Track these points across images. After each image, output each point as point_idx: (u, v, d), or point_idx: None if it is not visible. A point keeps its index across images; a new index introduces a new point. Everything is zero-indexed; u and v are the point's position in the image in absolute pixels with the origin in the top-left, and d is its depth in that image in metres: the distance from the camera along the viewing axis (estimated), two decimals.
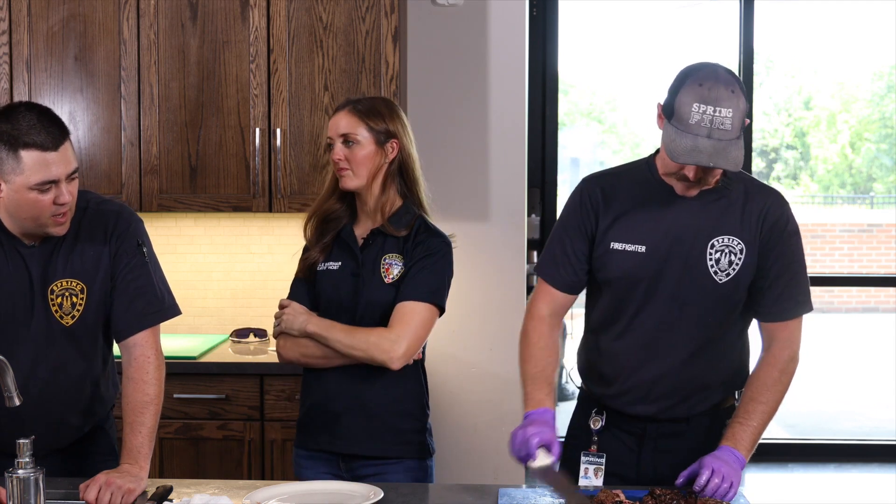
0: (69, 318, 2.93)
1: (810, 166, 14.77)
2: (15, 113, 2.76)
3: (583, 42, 10.48)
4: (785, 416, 8.68)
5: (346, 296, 3.23)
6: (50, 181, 2.75)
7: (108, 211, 3.02)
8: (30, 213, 2.79)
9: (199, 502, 2.64)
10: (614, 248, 2.90)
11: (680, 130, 2.69)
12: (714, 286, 2.86)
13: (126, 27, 4.50)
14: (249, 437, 4.30)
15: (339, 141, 3.22)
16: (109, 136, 4.54)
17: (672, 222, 2.87)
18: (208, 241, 4.94)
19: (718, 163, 2.67)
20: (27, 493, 2.44)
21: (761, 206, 2.88)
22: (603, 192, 2.95)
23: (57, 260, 2.91)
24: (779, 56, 13.53)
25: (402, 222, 3.24)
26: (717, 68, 2.75)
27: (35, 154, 2.73)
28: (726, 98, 2.68)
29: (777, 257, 2.87)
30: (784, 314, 2.91)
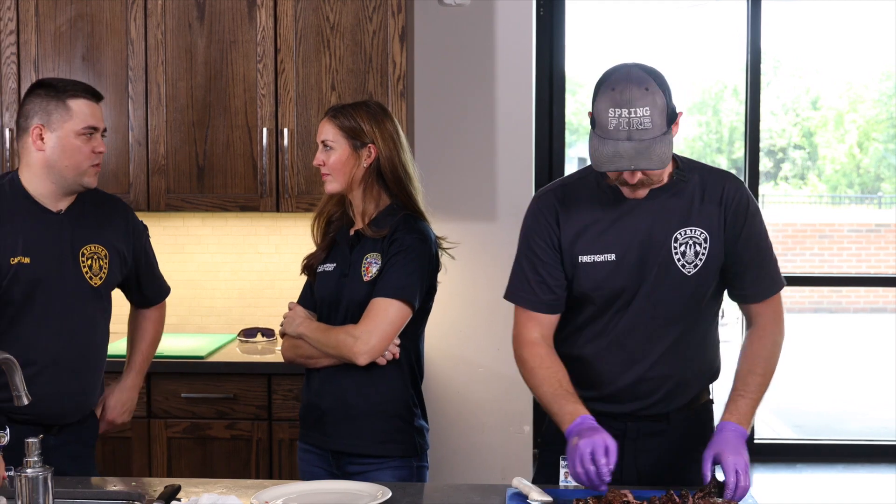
0: (97, 279, 3.25)
1: (818, 166, 14.76)
2: (51, 80, 3.22)
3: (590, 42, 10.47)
4: (792, 416, 8.67)
5: (336, 296, 3.31)
6: (94, 127, 3.16)
7: (111, 195, 3.45)
8: (73, 159, 3.14)
9: (208, 502, 2.64)
10: (583, 261, 2.87)
11: (602, 138, 2.67)
12: (684, 279, 2.85)
13: (133, 27, 4.51)
14: (257, 436, 4.30)
15: (321, 146, 3.35)
16: (117, 135, 4.55)
17: (635, 225, 2.85)
18: (216, 240, 4.94)
19: (640, 164, 2.64)
20: (36, 492, 2.44)
21: (719, 191, 2.87)
22: (560, 203, 2.91)
23: (85, 225, 3.24)
24: (786, 56, 13.52)
25: (384, 223, 3.28)
26: (630, 69, 2.70)
27: (82, 101, 3.15)
28: (640, 97, 2.64)
29: (746, 239, 2.87)
30: (764, 293, 2.92)
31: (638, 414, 2.93)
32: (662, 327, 2.89)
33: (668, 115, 2.69)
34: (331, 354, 3.25)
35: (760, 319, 2.94)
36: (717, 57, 13.48)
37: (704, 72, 13.94)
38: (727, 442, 2.74)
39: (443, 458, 4.92)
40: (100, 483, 2.97)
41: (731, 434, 2.76)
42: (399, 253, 3.22)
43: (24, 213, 3.15)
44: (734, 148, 14.01)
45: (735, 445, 2.74)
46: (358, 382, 3.26)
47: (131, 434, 4.30)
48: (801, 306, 13.43)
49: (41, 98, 3.13)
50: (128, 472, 4.27)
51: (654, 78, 2.70)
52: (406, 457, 3.28)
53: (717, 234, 2.85)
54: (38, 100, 3.13)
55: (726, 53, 13.24)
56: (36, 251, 3.13)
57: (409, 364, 3.32)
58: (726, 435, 2.76)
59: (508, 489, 2.82)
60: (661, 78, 2.72)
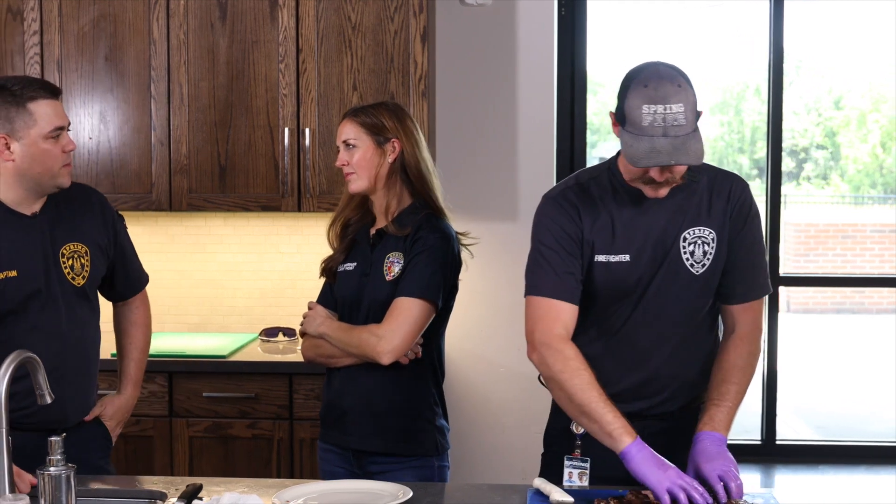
0: (80, 278, 3.15)
1: (840, 166, 14.70)
2: (5, 81, 3.01)
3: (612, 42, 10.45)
4: (815, 418, 8.64)
5: (357, 295, 3.31)
6: (60, 127, 3.02)
7: (84, 186, 3.30)
8: (44, 164, 3.01)
9: (229, 501, 2.64)
10: (599, 260, 2.87)
11: (635, 135, 2.66)
12: (693, 279, 2.86)
13: (156, 27, 4.52)
14: (278, 435, 4.31)
15: (342, 146, 3.34)
16: (139, 135, 4.56)
17: (648, 225, 2.85)
18: (237, 240, 4.95)
19: (680, 159, 2.65)
20: (59, 490, 2.45)
21: (728, 192, 2.89)
22: (580, 200, 2.90)
23: (60, 225, 3.12)
24: (809, 56, 13.46)
25: (407, 221, 3.29)
26: (659, 66, 2.71)
27: (43, 102, 2.99)
28: (674, 94, 2.65)
29: (741, 240, 2.88)
30: (748, 295, 2.92)
31: (643, 413, 2.92)
32: (670, 327, 2.89)
33: (696, 113, 2.71)
34: (353, 354, 3.25)
35: (738, 327, 2.93)
36: (739, 56, 13.44)
37: (726, 71, 13.90)
38: (703, 452, 2.74)
39: (463, 457, 4.92)
40: (122, 482, 2.98)
41: (706, 443, 2.76)
42: (422, 252, 3.22)
43: (3, 224, 3.04)
44: (756, 148, 13.96)
45: (710, 453, 2.73)
46: (380, 382, 3.26)
47: (153, 433, 4.32)
48: (824, 307, 13.38)
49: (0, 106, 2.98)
50: (150, 470, 4.28)
51: (683, 75, 2.71)
52: (427, 456, 3.29)
53: (723, 234, 2.87)
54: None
55: (748, 53, 13.19)
56: (21, 262, 3.03)
57: (430, 363, 3.32)
58: (702, 445, 2.76)
59: (529, 489, 2.82)
60: (687, 77, 2.73)
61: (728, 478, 2.68)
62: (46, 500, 2.45)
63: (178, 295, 4.92)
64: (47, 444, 2.47)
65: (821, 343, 11.85)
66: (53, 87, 3.05)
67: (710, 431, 2.78)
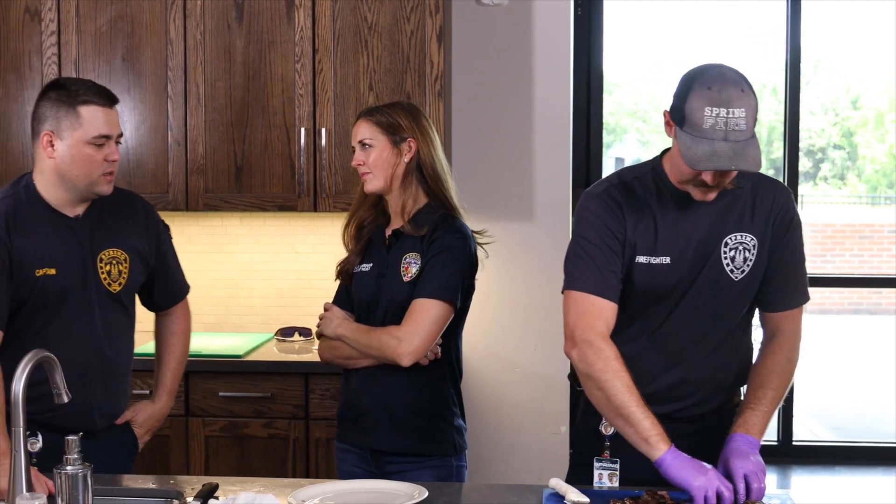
0: (116, 284, 3.16)
1: (858, 166, 14.65)
2: (66, 81, 3.08)
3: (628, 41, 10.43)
4: (831, 419, 8.61)
5: (374, 296, 3.31)
6: (105, 135, 3.02)
7: (132, 194, 3.34)
8: (83, 169, 3.02)
9: (245, 500, 2.65)
10: (640, 261, 2.85)
11: (695, 137, 2.64)
12: (732, 284, 2.85)
13: (173, 28, 4.53)
14: (294, 435, 4.32)
15: (358, 147, 3.33)
16: (156, 135, 4.57)
17: (690, 228, 2.84)
18: (254, 240, 4.96)
19: (739, 165, 2.63)
20: (76, 489, 2.46)
21: (771, 200, 2.88)
22: (624, 199, 2.87)
23: (102, 230, 3.14)
24: (826, 55, 13.42)
25: (423, 221, 3.28)
26: (723, 69, 2.70)
27: (93, 109, 3.00)
28: (737, 98, 2.63)
29: (783, 249, 2.88)
30: (788, 303, 2.93)
31: (674, 416, 2.91)
32: (705, 331, 2.89)
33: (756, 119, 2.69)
34: (372, 355, 3.25)
35: (779, 334, 2.94)
36: (756, 56, 13.40)
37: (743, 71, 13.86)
38: (733, 451, 2.75)
39: (479, 458, 4.92)
40: (138, 481, 2.98)
41: (739, 443, 2.77)
42: (440, 253, 3.22)
43: (44, 221, 3.06)
44: (773, 148, 13.92)
45: (742, 452, 2.74)
46: (398, 382, 3.26)
47: (170, 432, 4.33)
48: (840, 307, 13.33)
49: (52, 102, 3.01)
50: (166, 470, 4.29)
51: (746, 82, 2.70)
52: (445, 456, 3.28)
53: (765, 242, 2.86)
54: (50, 104, 3.01)
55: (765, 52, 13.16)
56: (60, 261, 3.05)
57: (448, 363, 3.32)
58: (734, 445, 2.77)
59: (545, 489, 2.82)
60: (749, 83, 2.71)
61: (752, 479, 2.69)
62: (63, 499, 2.46)
63: (195, 295, 4.89)
64: (64, 443, 2.48)
65: (837, 344, 11.80)
66: (110, 96, 3.06)
67: (744, 434, 2.79)
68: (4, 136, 4.62)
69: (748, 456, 2.74)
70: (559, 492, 2.75)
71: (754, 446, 2.78)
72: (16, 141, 4.60)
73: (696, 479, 2.63)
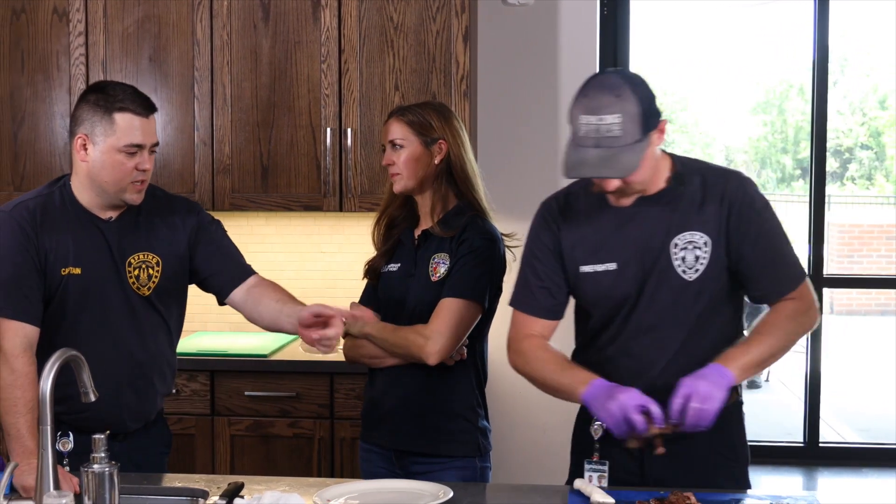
0: (146, 288, 3.14)
1: (885, 166, 14.57)
2: (110, 84, 3.06)
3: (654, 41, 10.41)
4: (858, 420, 8.57)
5: (401, 296, 3.32)
6: (137, 145, 2.99)
7: (178, 197, 3.32)
8: (113, 175, 3.01)
9: (270, 500, 2.66)
10: (584, 271, 2.85)
11: (572, 144, 2.65)
12: (685, 285, 2.79)
13: (199, 28, 4.55)
14: (319, 435, 4.33)
15: (389, 146, 3.32)
16: (183, 135, 4.59)
17: (635, 232, 2.81)
18: (279, 240, 4.97)
19: (603, 172, 2.61)
20: (102, 487, 2.47)
21: (721, 193, 2.79)
22: (560, 209, 2.90)
23: (133, 234, 3.13)
24: (853, 55, 13.36)
25: (452, 223, 3.28)
26: (606, 76, 2.67)
27: (128, 117, 2.98)
28: (609, 104, 2.60)
29: (756, 239, 2.78)
30: (781, 290, 2.81)
31: None
32: (667, 334, 2.83)
33: (644, 123, 2.64)
34: (399, 354, 3.25)
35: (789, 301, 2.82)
36: (783, 56, 13.36)
37: (770, 71, 13.81)
38: (698, 374, 2.66)
39: (504, 458, 4.91)
40: (164, 479, 3.00)
41: (709, 369, 2.67)
42: (469, 254, 3.23)
43: (74, 222, 3.07)
44: (800, 148, 13.87)
45: (701, 374, 2.65)
46: (423, 382, 3.26)
47: (195, 431, 4.35)
48: (868, 308, 13.26)
49: (90, 106, 3.01)
50: (191, 468, 4.31)
51: (632, 84, 2.65)
52: (470, 457, 3.29)
53: (720, 237, 2.79)
54: (88, 107, 3.01)
55: (792, 52, 13.11)
56: (86, 261, 3.06)
57: (473, 364, 3.33)
58: (703, 370, 2.67)
59: (570, 490, 2.82)
60: (639, 84, 2.67)
61: (693, 398, 2.61)
62: (90, 497, 2.47)
63: None
64: (91, 442, 2.49)
65: (864, 345, 11.74)
66: (148, 105, 3.04)
67: (718, 364, 2.69)
68: (33, 136, 4.65)
69: (705, 378, 2.64)
70: (584, 492, 2.74)
71: (726, 379, 2.67)
72: (44, 141, 4.63)
73: (603, 409, 2.65)
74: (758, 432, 7.72)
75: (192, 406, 4.36)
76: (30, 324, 2.98)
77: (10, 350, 2.94)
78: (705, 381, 2.64)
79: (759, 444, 6.40)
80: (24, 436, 2.86)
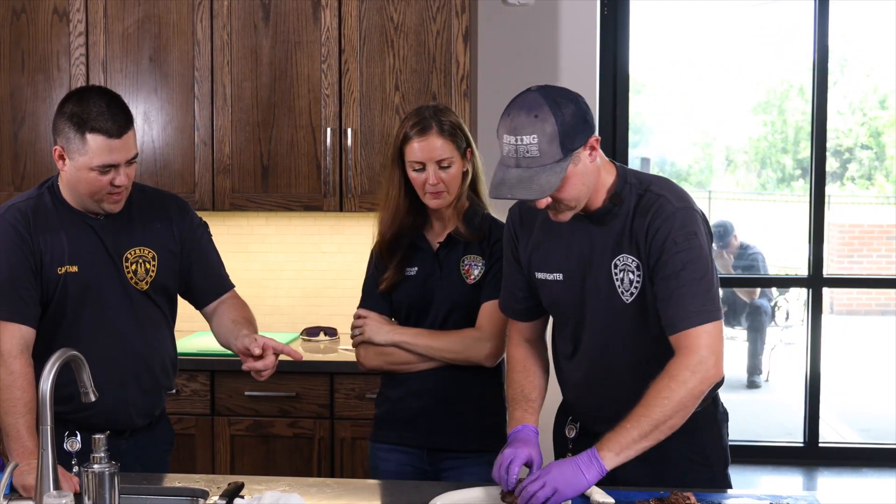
0: (143, 283, 3.16)
1: (885, 166, 14.57)
2: (87, 96, 3.00)
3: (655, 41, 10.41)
4: (858, 421, 8.57)
5: (425, 300, 3.29)
6: (110, 165, 2.98)
7: (166, 193, 3.35)
8: (87, 189, 3.02)
9: (270, 500, 2.66)
10: (539, 277, 2.88)
11: (499, 163, 2.65)
12: (624, 307, 2.77)
13: (199, 28, 4.55)
14: (319, 435, 4.33)
15: (434, 166, 3.19)
16: (183, 135, 4.59)
17: (580, 247, 2.80)
18: (279, 240, 4.97)
19: (517, 193, 2.59)
20: (102, 487, 2.48)
21: (645, 221, 2.72)
22: (519, 217, 2.93)
23: (127, 230, 3.15)
24: (853, 55, 13.36)
25: (473, 223, 3.27)
26: (528, 95, 2.62)
27: (100, 139, 2.95)
28: (528, 125, 2.57)
29: (663, 267, 2.70)
30: (677, 325, 2.68)
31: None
32: (624, 351, 2.82)
33: (564, 143, 2.58)
34: (446, 358, 3.24)
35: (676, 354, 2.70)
36: (783, 56, 13.35)
37: (770, 71, 13.81)
38: (559, 465, 2.65)
39: None
40: (164, 479, 3.00)
41: (581, 460, 2.64)
42: None
43: (65, 221, 3.09)
44: (800, 148, 13.86)
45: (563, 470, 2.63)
46: (456, 380, 3.28)
47: (195, 431, 4.35)
48: (868, 308, 13.25)
49: (66, 121, 2.98)
50: (192, 468, 4.31)
51: (552, 103, 2.59)
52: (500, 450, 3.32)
53: (646, 262, 2.74)
54: (64, 120, 2.98)
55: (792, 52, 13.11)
56: (82, 259, 3.08)
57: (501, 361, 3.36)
58: (572, 460, 2.65)
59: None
60: (563, 103, 2.61)
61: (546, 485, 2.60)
62: (90, 497, 2.47)
63: None
64: (91, 442, 2.49)
65: (864, 345, 11.74)
66: (122, 123, 2.98)
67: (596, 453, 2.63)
68: (33, 136, 4.65)
69: (565, 473, 2.61)
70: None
71: (596, 469, 2.61)
72: (44, 141, 4.63)
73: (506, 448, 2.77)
74: (758, 432, 7.72)
75: (192, 406, 4.36)
76: (26, 325, 3.00)
77: (7, 351, 2.95)
78: (559, 471, 2.62)
79: (759, 444, 6.41)
80: (24, 436, 2.87)
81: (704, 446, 2.92)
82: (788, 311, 10.61)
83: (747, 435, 7.19)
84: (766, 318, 9.64)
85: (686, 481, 2.84)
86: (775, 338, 10.24)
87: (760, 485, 5.77)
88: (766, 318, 9.64)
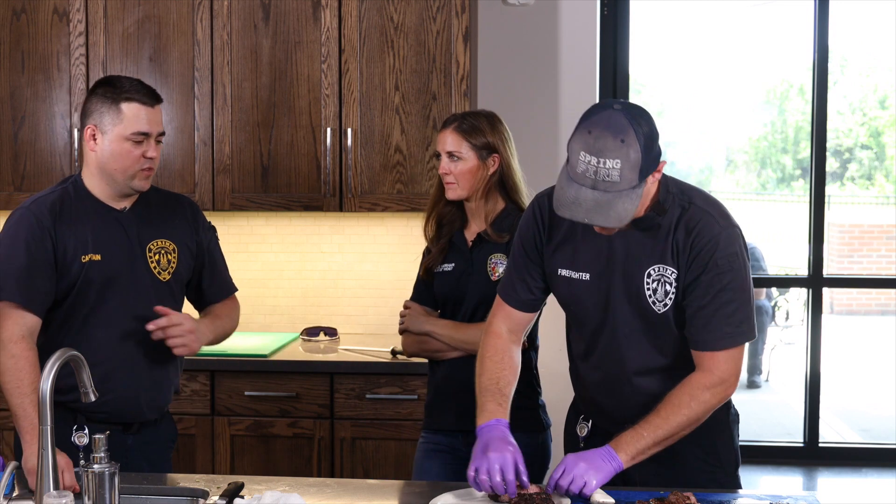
0: (166, 273, 3.27)
1: (885, 166, 14.57)
2: (114, 78, 3.18)
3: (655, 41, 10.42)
4: (858, 420, 8.57)
5: (458, 294, 3.53)
6: (144, 133, 3.11)
7: (179, 195, 3.46)
8: (121, 163, 3.12)
9: (270, 500, 2.66)
10: (561, 273, 2.85)
11: (569, 178, 2.55)
12: (655, 317, 2.76)
13: (199, 28, 4.55)
14: (319, 434, 4.33)
15: (445, 156, 3.50)
16: (183, 135, 4.59)
17: (613, 251, 2.77)
18: (279, 240, 4.97)
19: (595, 220, 2.54)
20: (102, 487, 2.47)
21: (689, 231, 2.71)
22: (550, 211, 2.84)
23: (149, 222, 3.25)
24: (853, 55, 13.36)
25: (503, 227, 3.47)
26: (612, 114, 2.55)
27: (135, 106, 3.11)
28: (613, 149, 2.50)
29: (704, 286, 2.70)
30: (706, 345, 2.72)
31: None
32: (646, 357, 2.82)
33: (644, 170, 2.55)
34: (466, 349, 3.43)
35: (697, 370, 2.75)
36: (783, 55, 13.35)
37: (770, 70, 13.81)
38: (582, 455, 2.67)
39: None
40: (164, 479, 3.00)
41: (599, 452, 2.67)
42: None
43: (90, 212, 3.17)
44: (800, 148, 13.87)
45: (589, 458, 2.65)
46: None
47: (195, 431, 4.35)
48: (868, 308, 13.26)
49: (98, 98, 3.13)
50: (192, 468, 4.31)
51: (636, 126, 2.55)
52: (535, 432, 3.47)
53: (684, 274, 2.73)
54: (96, 99, 3.13)
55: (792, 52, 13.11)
56: (105, 248, 3.15)
57: (532, 347, 3.53)
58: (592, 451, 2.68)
59: None
60: (643, 126, 2.57)
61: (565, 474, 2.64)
62: (90, 496, 2.47)
63: None
64: (92, 442, 2.50)
65: (864, 345, 11.74)
66: (154, 95, 3.16)
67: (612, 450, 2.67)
68: (33, 136, 4.65)
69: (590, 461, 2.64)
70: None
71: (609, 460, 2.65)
72: (44, 141, 4.63)
73: (473, 461, 2.70)
74: (758, 432, 7.72)
75: (192, 406, 4.36)
76: (32, 313, 3.07)
77: (7, 337, 3.01)
78: (586, 462, 2.64)
79: (759, 444, 6.40)
80: (31, 414, 2.93)
81: (716, 447, 2.92)
82: (788, 311, 10.62)
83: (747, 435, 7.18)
84: (767, 318, 9.64)
85: (697, 482, 2.84)
86: (775, 338, 10.25)
87: (760, 485, 5.77)
88: (767, 318, 9.64)
